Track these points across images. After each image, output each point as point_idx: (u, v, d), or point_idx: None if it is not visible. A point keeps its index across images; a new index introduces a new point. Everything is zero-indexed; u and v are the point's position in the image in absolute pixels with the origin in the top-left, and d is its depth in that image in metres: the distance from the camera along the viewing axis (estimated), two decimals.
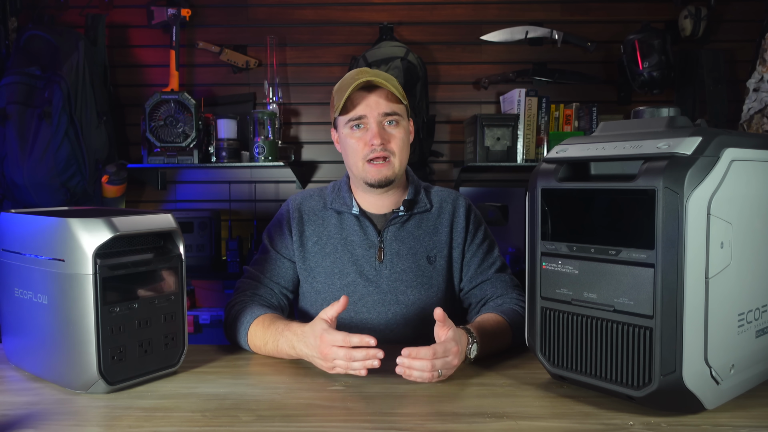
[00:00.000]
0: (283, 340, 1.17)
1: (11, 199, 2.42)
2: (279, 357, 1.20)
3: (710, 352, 0.85)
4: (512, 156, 2.56)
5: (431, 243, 1.40)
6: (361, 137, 1.32)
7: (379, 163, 1.31)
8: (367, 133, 1.31)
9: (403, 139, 1.34)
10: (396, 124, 1.33)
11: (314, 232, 1.40)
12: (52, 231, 1.00)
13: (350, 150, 1.34)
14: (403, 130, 1.34)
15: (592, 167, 0.98)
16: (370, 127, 1.31)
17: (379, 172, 1.32)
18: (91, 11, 2.66)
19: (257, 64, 2.78)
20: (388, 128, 1.32)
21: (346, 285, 1.36)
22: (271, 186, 2.88)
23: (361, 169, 1.33)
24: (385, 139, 1.31)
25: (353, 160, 1.34)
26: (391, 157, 1.32)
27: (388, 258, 1.37)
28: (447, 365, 1.06)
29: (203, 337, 2.65)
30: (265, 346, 1.22)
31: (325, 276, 1.37)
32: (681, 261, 0.82)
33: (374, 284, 1.36)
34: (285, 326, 1.19)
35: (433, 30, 2.82)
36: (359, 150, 1.32)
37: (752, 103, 2.40)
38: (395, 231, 1.38)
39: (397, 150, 1.32)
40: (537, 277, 1.01)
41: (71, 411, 0.95)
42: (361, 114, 1.31)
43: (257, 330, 1.23)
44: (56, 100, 2.33)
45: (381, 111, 1.30)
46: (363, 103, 1.31)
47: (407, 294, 1.36)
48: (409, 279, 1.36)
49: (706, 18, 2.65)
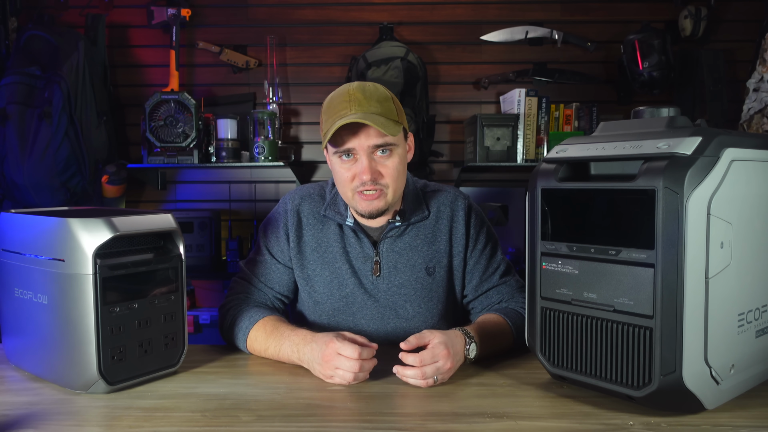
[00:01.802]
0: (287, 344, 1.16)
1: (11, 199, 2.42)
2: (279, 361, 1.20)
3: (710, 352, 0.85)
4: (512, 156, 2.56)
5: (430, 253, 1.33)
6: (350, 168, 1.22)
7: (370, 193, 1.22)
8: (356, 165, 1.21)
9: (396, 169, 1.23)
10: (389, 153, 1.22)
11: (313, 238, 1.33)
12: (52, 231, 1.00)
13: (339, 178, 1.25)
14: (398, 158, 1.23)
15: (592, 167, 0.98)
16: (360, 160, 1.21)
17: (370, 204, 1.23)
18: (91, 11, 2.66)
19: (257, 64, 2.78)
20: (380, 159, 1.21)
21: (346, 296, 1.32)
22: (271, 186, 2.88)
23: (351, 198, 1.25)
24: (377, 173, 1.21)
25: (343, 189, 1.26)
26: (384, 189, 1.22)
27: (385, 272, 1.31)
28: (439, 370, 1.05)
29: (203, 337, 2.65)
30: (266, 351, 1.20)
31: (324, 286, 1.32)
32: (681, 261, 0.82)
33: (372, 297, 1.32)
34: (291, 331, 1.18)
35: (433, 30, 2.82)
36: (348, 181, 1.23)
37: (752, 103, 2.40)
38: (391, 243, 1.32)
39: (390, 182, 1.22)
40: (537, 277, 1.01)
41: (71, 411, 0.95)
42: (350, 147, 1.20)
43: (258, 335, 1.22)
44: (56, 100, 2.33)
45: (371, 144, 1.19)
46: (352, 137, 1.20)
47: (406, 308, 1.32)
48: (407, 293, 1.32)
49: (706, 18, 2.65)
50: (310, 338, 1.13)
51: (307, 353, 1.11)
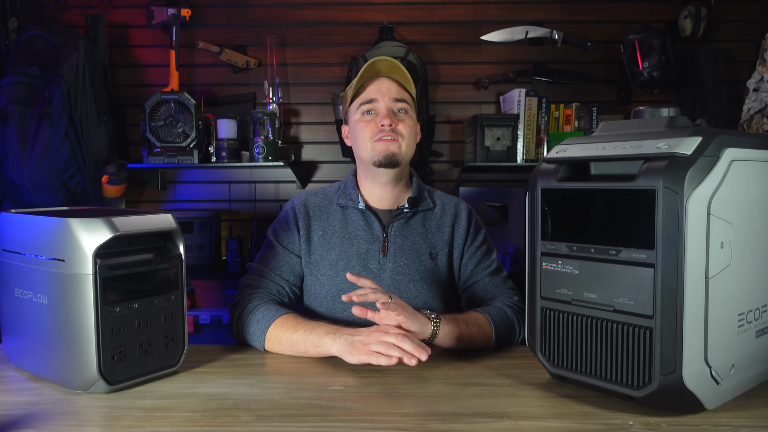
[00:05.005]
0: (322, 329, 1.18)
1: (11, 199, 2.42)
2: (297, 348, 1.20)
3: (710, 352, 0.85)
4: (512, 156, 2.56)
5: (434, 240, 1.44)
6: (371, 120, 1.39)
7: (388, 138, 1.36)
8: (378, 117, 1.38)
9: (410, 127, 1.40)
10: (405, 112, 1.40)
11: (320, 226, 1.43)
12: (52, 231, 1.00)
13: (360, 133, 1.40)
14: (411, 120, 1.40)
15: (592, 167, 0.98)
16: (380, 111, 1.38)
17: (386, 147, 1.36)
18: (91, 11, 2.66)
19: (257, 64, 2.78)
20: (397, 114, 1.39)
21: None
22: (271, 186, 2.88)
23: (369, 149, 1.38)
24: (394, 121, 1.37)
25: (362, 142, 1.39)
26: (398, 138, 1.37)
27: (391, 252, 1.40)
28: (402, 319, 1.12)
29: (203, 337, 2.65)
30: (290, 336, 1.21)
31: (330, 268, 1.39)
32: (681, 261, 0.82)
33: (378, 278, 1.38)
34: (324, 322, 1.23)
35: (433, 30, 2.82)
36: (369, 131, 1.38)
37: (752, 103, 2.40)
38: (400, 226, 1.42)
39: (405, 133, 1.38)
40: (537, 277, 1.01)
41: (71, 411, 0.95)
42: (372, 97, 1.38)
43: (286, 322, 1.23)
44: (56, 100, 2.33)
45: (392, 96, 1.38)
46: (375, 88, 1.39)
47: (410, 287, 1.39)
48: (411, 273, 1.39)
49: (706, 18, 2.65)
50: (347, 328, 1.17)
51: (345, 336, 1.14)
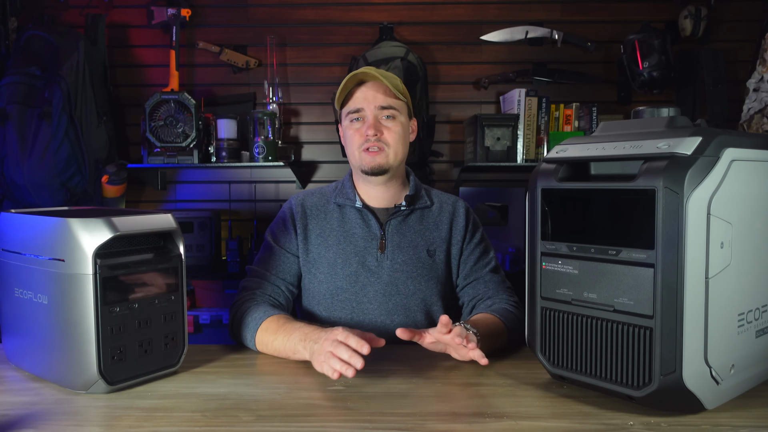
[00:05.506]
0: (297, 335, 1.17)
1: (11, 199, 2.42)
2: (282, 354, 1.20)
3: (710, 352, 0.85)
4: (512, 156, 2.56)
5: (431, 237, 1.44)
6: (358, 129, 1.40)
7: (374, 150, 1.38)
8: (364, 125, 1.39)
9: (398, 133, 1.39)
10: (392, 118, 1.39)
11: (317, 225, 1.44)
12: (52, 231, 1.00)
13: (349, 141, 1.42)
14: (399, 125, 1.40)
15: (592, 167, 0.98)
16: (366, 119, 1.38)
17: (372, 160, 1.38)
18: (91, 11, 2.66)
19: (257, 64, 2.78)
20: (384, 122, 1.39)
21: (348, 275, 1.38)
22: (271, 186, 2.88)
23: (357, 158, 1.40)
24: (379, 131, 1.38)
25: (351, 149, 1.42)
26: (385, 148, 1.38)
27: (389, 249, 1.40)
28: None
29: (203, 337, 2.64)
30: (273, 342, 1.21)
31: (328, 266, 1.40)
32: (681, 261, 0.82)
33: (375, 275, 1.39)
34: (303, 324, 1.20)
35: (433, 30, 2.82)
36: (356, 140, 1.39)
37: (752, 103, 2.40)
38: (397, 224, 1.43)
39: (391, 142, 1.38)
40: (537, 277, 1.01)
41: (71, 411, 0.95)
42: (358, 107, 1.39)
43: (269, 326, 1.23)
44: (56, 100, 2.33)
45: (377, 104, 1.38)
46: (361, 97, 1.39)
47: (408, 284, 1.39)
48: (409, 270, 1.40)
49: (706, 18, 2.65)
50: (319, 329, 1.15)
51: (312, 345, 1.12)
